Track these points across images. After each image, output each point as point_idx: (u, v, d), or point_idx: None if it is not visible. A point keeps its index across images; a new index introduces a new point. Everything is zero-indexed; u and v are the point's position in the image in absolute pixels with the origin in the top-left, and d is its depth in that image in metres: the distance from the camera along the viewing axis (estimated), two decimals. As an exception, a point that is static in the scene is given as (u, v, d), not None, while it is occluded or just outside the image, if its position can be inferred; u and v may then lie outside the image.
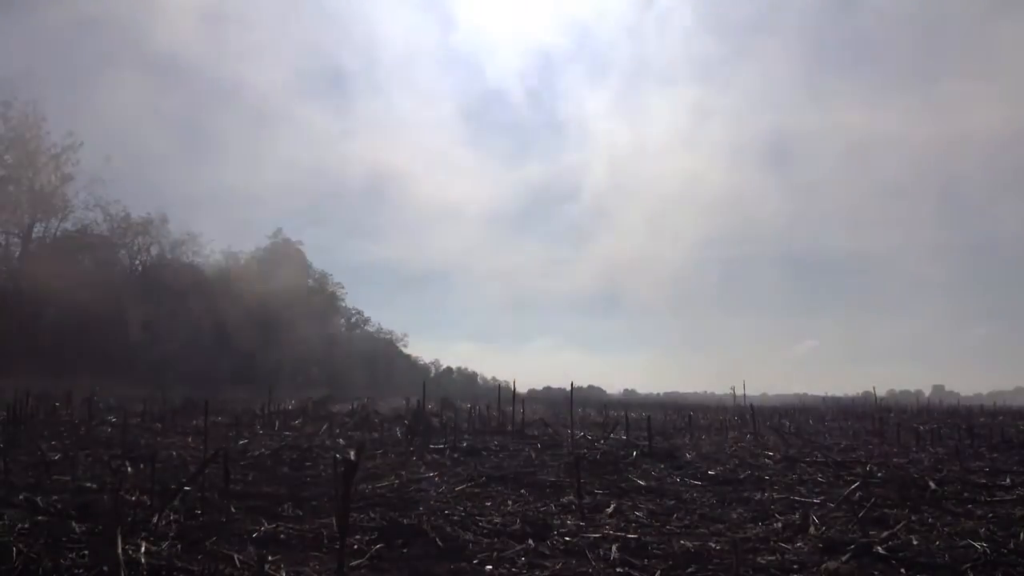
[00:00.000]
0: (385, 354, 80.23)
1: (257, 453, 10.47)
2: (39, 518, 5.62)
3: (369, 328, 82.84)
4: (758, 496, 7.47)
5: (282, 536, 5.30)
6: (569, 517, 6.24)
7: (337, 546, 4.28)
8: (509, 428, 15.32)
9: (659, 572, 4.58)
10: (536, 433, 14.72)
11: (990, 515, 6.47)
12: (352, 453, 4.05)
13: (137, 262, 54.49)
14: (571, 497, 7.11)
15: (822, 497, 7.33)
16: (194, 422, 16.35)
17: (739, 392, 41.39)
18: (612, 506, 6.79)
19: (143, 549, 4.51)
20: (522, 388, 23.85)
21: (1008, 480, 8.65)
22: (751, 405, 24.28)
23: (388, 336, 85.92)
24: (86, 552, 4.53)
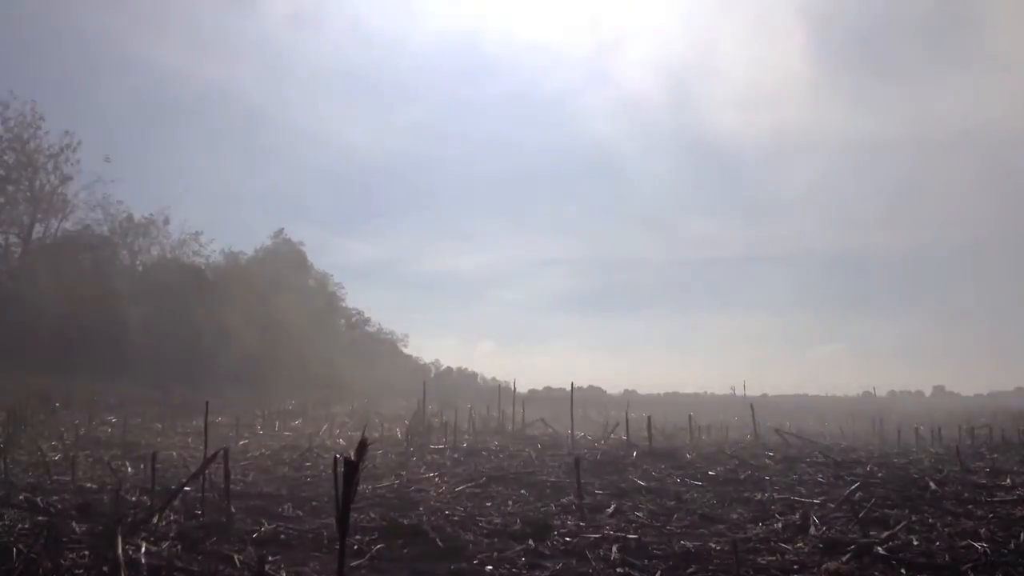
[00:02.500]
0: (385, 354, 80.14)
1: (257, 453, 10.48)
2: (39, 518, 5.62)
3: (369, 328, 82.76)
4: (758, 496, 7.47)
5: (282, 536, 5.30)
6: (569, 517, 6.24)
7: (337, 546, 4.28)
8: (509, 428, 15.32)
9: (659, 572, 4.58)
10: (536, 433, 14.73)
11: (990, 515, 6.47)
12: (352, 453, 4.05)
13: (138, 262, 54.56)
14: (571, 497, 7.11)
15: (822, 497, 7.33)
16: (194, 422, 16.35)
17: (739, 392, 41.39)
18: (612, 506, 6.79)
19: (143, 549, 4.51)
20: (522, 388, 23.84)
21: (1008, 480, 8.65)
22: (751, 405, 24.26)
23: (388, 336, 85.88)
24: (86, 552, 4.53)
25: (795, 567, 4.70)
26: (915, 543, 5.24)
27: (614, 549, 5.01)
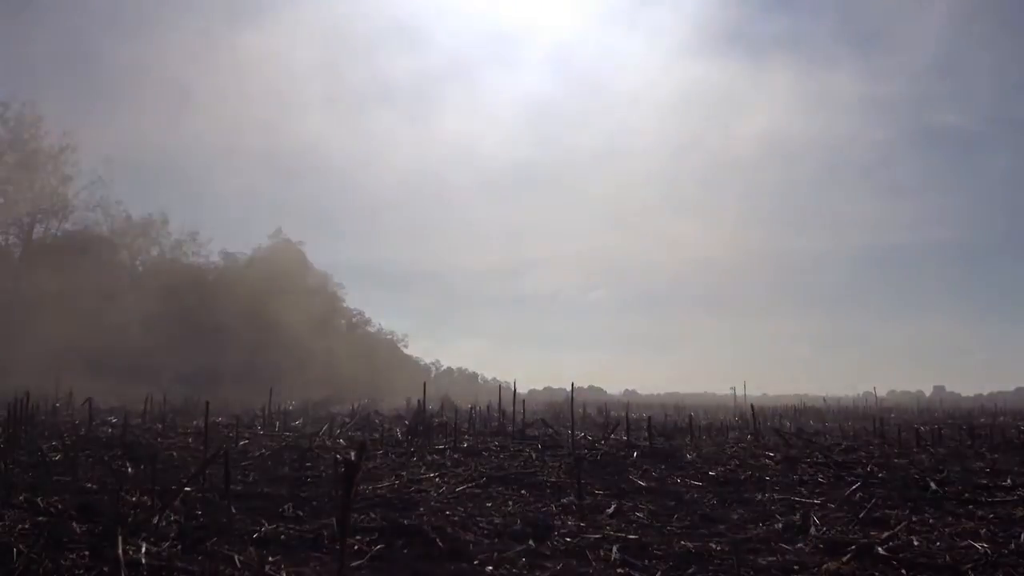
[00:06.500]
0: (385, 354, 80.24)
1: (257, 454, 10.46)
2: (39, 518, 5.62)
3: (370, 328, 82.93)
4: (759, 497, 7.46)
5: (282, 537, 5.29)
6: (570, 518, 6.23)
7: (337, 547, 4.28)
8: (510, 429, 15.30)
9: (660, 573, 4.58)
10: (537, 434, 14.71)
11: (991, 516, 6.47)
12: (353, 454, 4.05)
13: (137, 262, 54.64)
14: (572, 498, 7.11)
15: (823, 498, 7.33)
16: (194, 422, 16.34)
17: (739, 392, 41.41)
18: (613, 507, 6.78)
19: (144, 549, 4.50)
20: (522, 388, 23.85)
21: (1009, 481, 8.65)
22: (752, 405, 24.27)
23: (389, 336, 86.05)
24: (86, 552, 4.53)
25: (795, 567, 4.70)
26: (915, 543, 5.25)
27: (614, 549, 5.00)
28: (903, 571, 4.62)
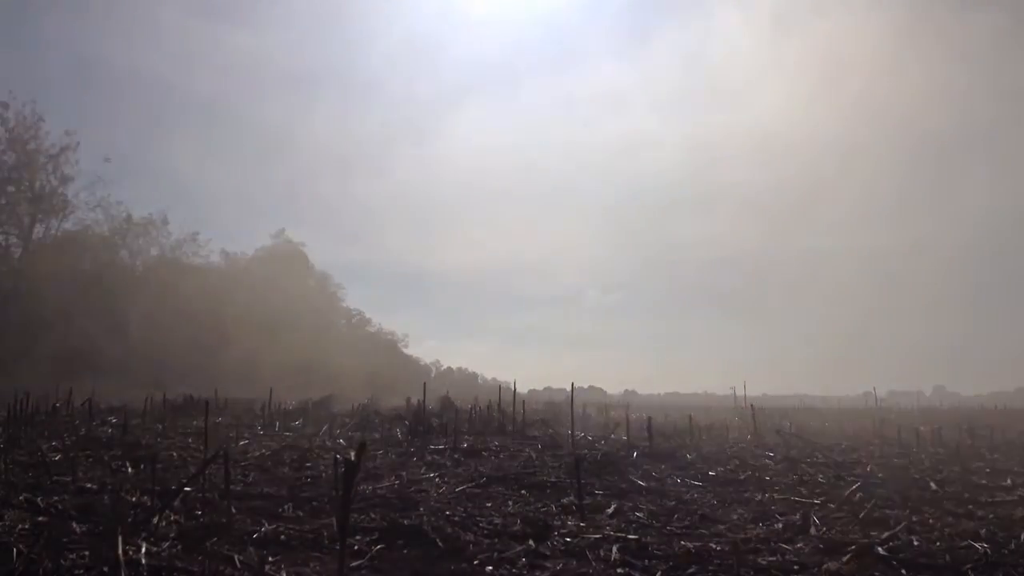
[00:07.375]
0: (385, 354, 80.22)
1: (257, 453, 10.46)
2: (39, 519, 5.62)
3: (370, 328, 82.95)
4: (759, 497, 7.47)
5: (282, 537, 5.29)
6: (569, 518, 6.24)
7: (337, 546, 4.28)
8: (510, 428, 15.30)
9: (660, 573, 4.58)
10: (537, 434, 14.71)
11: (991, 516, 6.47)
12: (353, 454, 4.05)
13: (137, 262, 54.65)
14: (571, 498, 7.11)
15: (823, 498, 7.33)
16: (194, 422, 16.34)
17: (739, 392, 41.39)
18: (612, 507, 6.78)
19: (144, 550, 4.51)
20: (522, 388, 23.81)
21: (1009, 481, 8.66)
22: (752, 405, 24.23)
23: (389, 336, 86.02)
24: (86, 553, 4.53)
25: (795, 567, 4.70)
26: (915, 543, 5.25)
27: (614, 549, 5.01)
28: (903, 571, 4.62)
